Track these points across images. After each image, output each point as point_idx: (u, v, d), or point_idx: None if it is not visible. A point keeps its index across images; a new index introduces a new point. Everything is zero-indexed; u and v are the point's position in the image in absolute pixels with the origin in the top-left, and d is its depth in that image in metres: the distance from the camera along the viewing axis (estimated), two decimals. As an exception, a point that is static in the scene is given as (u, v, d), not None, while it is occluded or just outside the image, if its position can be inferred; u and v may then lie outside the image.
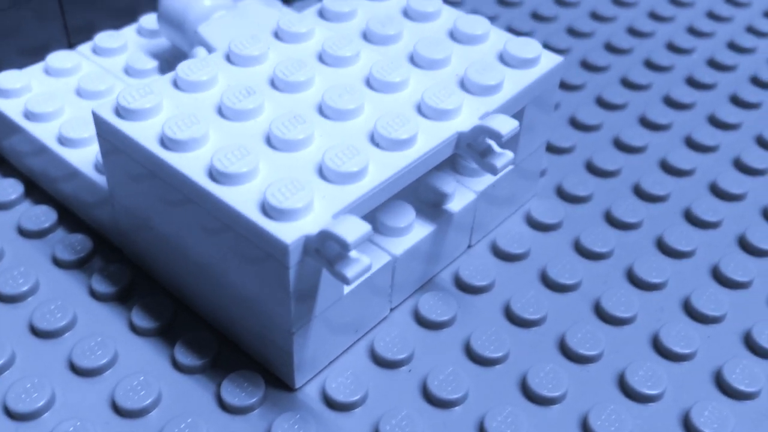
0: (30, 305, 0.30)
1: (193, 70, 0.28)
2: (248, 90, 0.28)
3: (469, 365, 0.29)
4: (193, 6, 0.35)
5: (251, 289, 0.26)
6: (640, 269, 0.32)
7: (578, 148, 0.38)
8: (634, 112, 0.41)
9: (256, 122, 0.27)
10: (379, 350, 0.28)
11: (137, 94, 0.27)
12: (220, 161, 0.25)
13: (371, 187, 0.25)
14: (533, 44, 0.31)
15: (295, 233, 0.23)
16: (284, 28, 0.31)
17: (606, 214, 0.35)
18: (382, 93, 0.29)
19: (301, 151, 0.26)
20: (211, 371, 0.28)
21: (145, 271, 0.31)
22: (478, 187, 0.31)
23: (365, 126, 0.27)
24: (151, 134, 0.26)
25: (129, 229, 0.30)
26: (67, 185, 0.33)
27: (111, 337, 0.28)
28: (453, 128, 0.28)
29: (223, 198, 0.24)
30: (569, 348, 0.29)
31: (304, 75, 0.29)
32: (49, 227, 0.32)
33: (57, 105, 0.33)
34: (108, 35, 0.37)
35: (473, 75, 0.29)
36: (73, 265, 0.31)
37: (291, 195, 0.24)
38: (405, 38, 0.32)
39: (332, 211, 0.24)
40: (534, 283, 0.32)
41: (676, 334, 0.29)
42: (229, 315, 0.28)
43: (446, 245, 0.31)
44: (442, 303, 0.30)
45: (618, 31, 0.46)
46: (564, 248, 0.33)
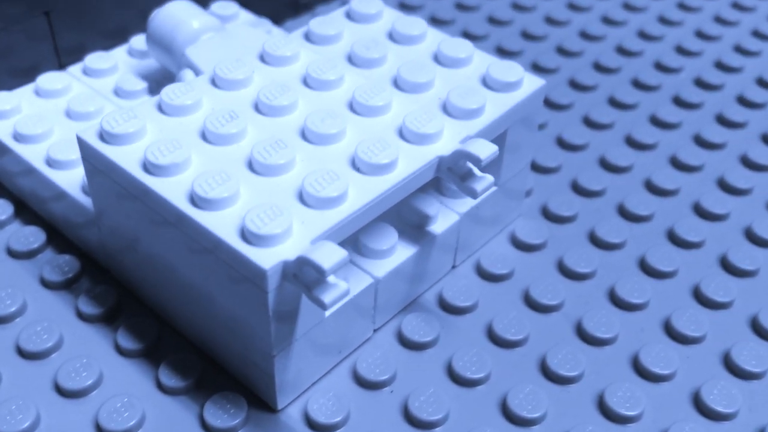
0: (18, 326, 0.30)
1: (177, 95, 0.29)
2: (231, 114, 0.28)
3: (451, 386, 0.29)
4: (181, 28, 0.35)
5: (233, 312, 0.26)
6: (621, 290, 0.32)
7: (564, 167, 0.39)
8: (621, 131, 0.41)
9: (239, 146, 0.28)
10: (361, 371, 0.29)
11: (121, 118, 0.28)
12: (200, 186, 0.25)
13: (350, 212, 0.26)
14: (515, 68, 0.31)
15: (273, 259, 0.24)
16: (269, 51, 0.31)
17: (590, 234, 0.35)
18: (365, 117, 0.29)
19: (282, 175, 0.27)
20: (194, 392, 0.28)
21: (132, 291, 0.31)
22: (462, 209, 0.32)
23: (347, 150, 0.28)
24: (134, 159, 0.27)
25: (115, 250, 0.31)
26: (56, 206, 0.33)
27: (96, 358, 0.29)
28: (434, 152, 0.28)
29: (203, 223, 0.25)
30: (550, 369, 0.29)
31: (288, 99, 0.29)
32: (38, 248, 0.33)
33: (46, 127, 0.34)
34: (98, 56, 0.38)
35: (455, 99, 0.30)
36: (60, 285, 0.31)
37: (270, 221, 0.24)
38: (389, 61, 0.32)
39: (311, 236, 0.25)
40: (517, 303, 0.32)
41: (655, 354, 0.30)
42: (212, 336, 0.28)
43: (430, 266, 0.32)
44: (425, 324, 0.31)
45: (607, 50, 0.47)
46: (547, 268, 0.34)
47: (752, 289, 0.33)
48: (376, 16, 0.35)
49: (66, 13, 0.37)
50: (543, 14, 0.49)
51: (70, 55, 0.39)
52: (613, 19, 0.49)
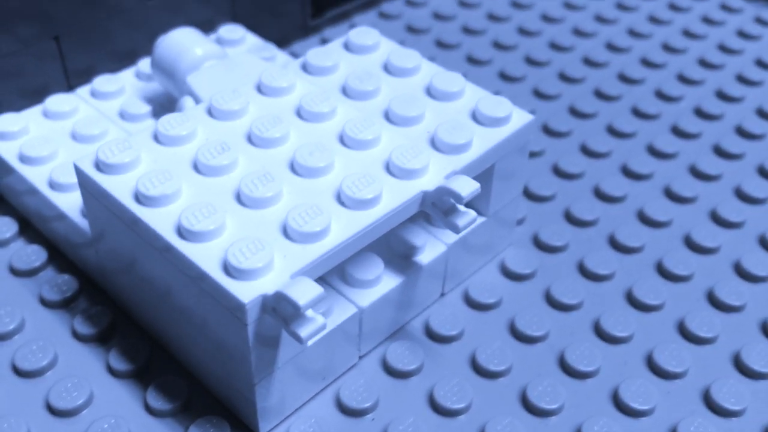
0: (15, 344, 0.31)
1: (172, 125, 0.30)
2: (223, 146, 0.29)
3: (431, 415, 0.29)
4: (184, 55, 0.36)
5: (217, 340, 0.27)
6: (606, 322, 0.33)
7: (559, 196, 0.39)
8: (617, 160, 0.41)
9: (230, 178, 0.29)
10: (344, 398, 0.29)
11: (116, 148, 0.29)
12: (187, 219, 0.26)
13: (332, 246, 0.26)
14: (504, 103, 0.32)
15: (253, 293, 0.25)
16: (266, 82, 0.32)
17: (579, 264, 0.36)
18: (354, 150, 0.30)
19: (268, 208, 0.27)
20: (180, 415, 0.29)
21: (126, 312, 0.32)
22: (450, 239, 0.32)
23: (333, 184, 0.28)
24: (126, 188, 0.28)
25: (111, 272, 0.32)
26: (57, 227, 0.34)
27: (87, 378, 0.30)
28: (418, 187, 0.29)
29: (187, 255, 0.26)
30: (530, 401, 0.30)
31: (279, 131, 0.30)
32: (39, 266, 0.34)
33: (51, 149, 0.35)
34: (106, 79, 0.39)
35: (442, 133, 0.30)
36: (58, 305, 0.32)
37: (251, 255, 0.25)
38: (383, 93, 0.33)
39: (291, 270, 0.25)
40: (502, 333, 0.33)
41: (635, 389, 0.30)
42: (199, 361, 0.29)
43: (417, 294, 0.32)
44: (409, 352, 0.31)
45: (609, 77, 0.47)
46: (535, 298, 0.34)
47: (737, 325, 0.33)
48: (373, 48, 0.35)
49: (75, 36, 0.39)
50: (547, 40, 0.50)
51: (79, 77, 0.40)
52: (617, 45, 0.49)
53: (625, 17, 0.52)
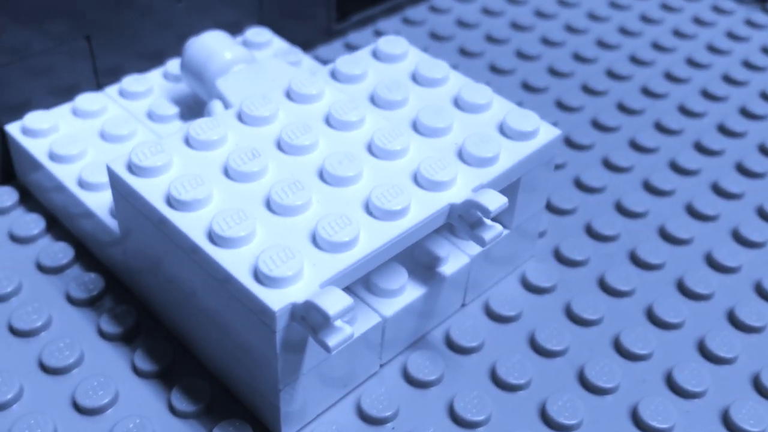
0: (41, 341, 0.31)
1: (204, 130, 0.30)
2: (254, 152, 0.29)
3: (451, 427, 0.30)
4: (214, 59, 0.36)
5: (243, 344, 0.28)
6: (626, 339, 0.33)
7: (580, 210, 0.39)
8: (639, 175, 0.41)
9: (259, 184, 0.29)
10: (365, 407, 0.30)
11: (149, 151, 0.29)
12: (218, 224, 0.26)
13: (361, 256, 0.27)
14: (532, 117, 0.32)
15: (283, 301, 0.25)
16: (295, 89, 0.33)
17: (600, 280, 0.36)
18: (382, 160, 0.30)
19: (297, 216, 0.28)
20: (204, 417, 0.29)
21: (151, 312, 0.33)
22: (473, 251, 0.33)
23: (362, 193, 0.29)
24: (158, 192, 0.28)
25: (138, 271, 0.32)
26: (84, 225, 0.34)
27: (113, 377, 0.30)
28: (446, 200, 0.29)
29: (218, 260, 0.26)
30: (549, 416, 0.30)
31: (309, 139, 0.30)
32: (66, 264, 0.34)
33: (80, 148, 0.35)
34: (134, 79, 0.39)
35: (470, 146, 0.30)
36: (84, 303, 0.33)
37: (282, 263, 0.25)
38: (411, 103, 0.33)
39: (321, 279, 0.26)
40: (522, 346, 0.33)
41: (654, 407, 0.30)
42: (223, 364, 0.30)
43: (439, 305, 0.32)
44: (430, 362, 0.31)
45: (632, 90, 0.47)
46: (555, 312, 0.34)
47: (757, 346, 0.33)
48: (401, 57, 0.36)
49: (106, 36, 0.39)
50: (571, 51, 0.50)
51: (108, 77, 0.40)
52: (641, 59, 0.49)
53: (649, 30, 0.52)
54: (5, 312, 0.32)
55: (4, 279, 0.33)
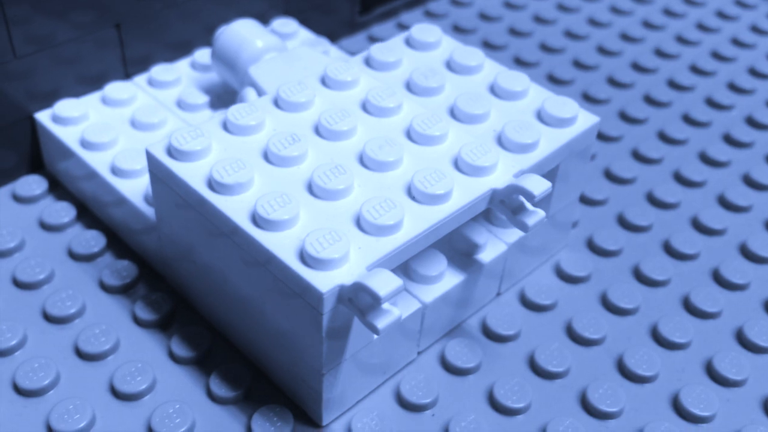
0: (76, 327, 0.31)
1: (242, 114, 0.30)
2: (293, 137, 0.29)
3: (491, 414, 0.29)
4: (245, 47, 0.36)
5: (285, 329, 0.27)
6: (664, 328, 0.33)
7: (611, 201, 0.39)
8: (669, 167, 0.41)
9: (299, 169, 0.29)
10: (404, 393, 0.29)
11: (189, 135, 0.29)
12: (263, 207, 0.26)
13: (406, 240, 0.26)
14: (570, 104, 0.32)
15: (330, 283, 0.25)
16: (331, 75, 0.32)
17: (634, 269, 0.36)
18: (421, 146, 0.30)
19: (340, 200, 0.27)
20: (243, 403, 0.29)
21: (186, 300, 0.32)
22: (510, 238, 0.32)
23: (403, 178, 0.29)
24: (199, 175, 0.28)
25: (173, 259, 0.32)
26: (116, 212, 0.34)
27: (150, 363, 0.30)
28: (488, 185, 0.29)
29: (264, 243, 0.26)
30: (590, 403, 0.30)
31: (347, 124, 0.30)
32: (98, 252, 0.34)
33: (112, 135, 0.35)
34: (163, 68, 0.39)
35: (510, 132, 0.30)
36: (118, 290, 0.33)
37: (329, 245, 0.25)
38: (447, 91, 0.33)
39: (367, 262, 0.25)
40: (559, 335, 0.33)
41: (696, 396, 0.30)
42: (263, 350, 0.29)
43: (475, 293, 0.32)
44: (468, 350, 0.31)
45: (658, 83, 0.47)
46: (590, 302, 0.34)
47: (795, 335, 0.33)
48: (435, 45, 0.35)
49: (135, 25, 0.39)
50: (595, 43, 0.50)
51: (136, 65, 0.40)
52: (665, 52, 0.49)
53: (672, 24, 0.52)
54: (38, 299, 0.32)
55: (36, 266, 0.33)
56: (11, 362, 0.30)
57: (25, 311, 0.32)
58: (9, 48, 0.35)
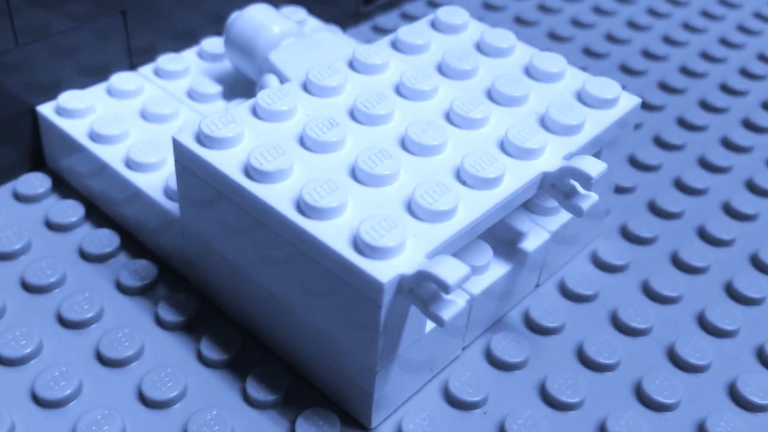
0: (95, 332, 0.29)
1: (273, 100, 0.28)
2: (331, 122, 0.27)
3: (546, 410, 0.28)
4: (262, 33, 0.34)
5: (332, 326, 0.25)
6: (712, 315, 0.31)
7: (640, 188, 0.38)
8: (693, 153, 0.40)
9: (339, 155, 0.27)
10: (454, 391, 0.28)
11: (220, 122, 0.27)
12: (309, 195, 0.24)
13: (463, 226, 0.25)
14: (612, 84, 0.31)
15: (391, 272, 0.23)
16: (360, 58, 0.31)
17: (672, 257, 0.34)
18: (463, 129, 0.28)
19: (387, 186, 0.26)
20: (282, 407, 0.27)
21: (212, 300, 0.30)
22: (552, 226, 0.31)
23: (449, 163, 0.27)
24: (233, 163, 0.26)
25: (198, 257, 0.30)
26: (132, 209, 0.32)
27: (180, 368, 0.28)
28: (538, 168, 0.27)
29: (313, 233, 0.24)
30: (647, 395, 0.28)
31: (385, 108, 0.28)
32: (112, 251, 0.32)
33: (123, 127, 0.33)
34: (170, 58, 0.37)
35: (555, 114, 0.29)
36: (137, 291, 0.30)
37: (385, 232, 0.23)
38: (480, 73, 0.32)
39: (425, 250, 0.24)
40: (604, 325, 0.31)
41: (754, 384, 0.29)
42: (303, 350, 0.27)
43: (518, 284, 0.31)
44: (515, 344, 0.30)
45: (670, 69, 0.46)
46: (632, 291, 0.33)
47: (843, 319, 0.32)
48: (463, 27, 0.34)
49: (139, 14, 0.37)
50: (625, 18, 0.50)
51: (141, 56, 0.38)
52: (675, 39, 0.49)
53: (678, 12, 0.52)
54: (51, 303, 0.30)
55: (47, 268, 0.31)
56: (28, 371, 0.27)
57: (38, 316, 0.29)
58: (11, 35, 0.32)
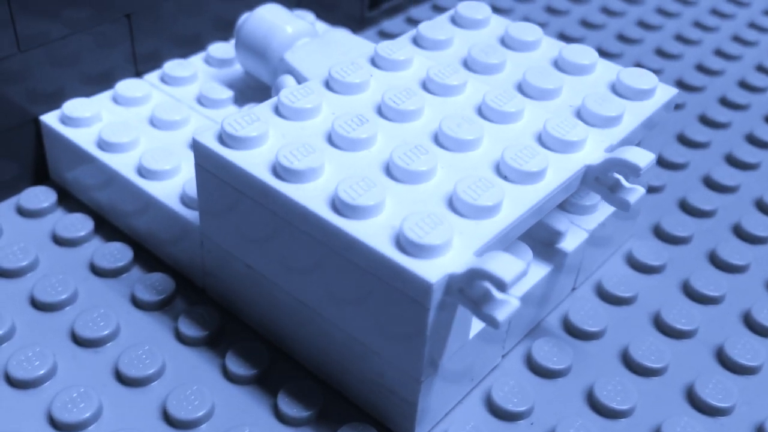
0: (112, 350, 0.27)
1: (297, 97, 0.26)
2: (360, 118, 0.26)
3: (596, 418, 0.26)
4: (276, 33, 0.33)
5: (371, 333, 0.24)
6: (759, 315, 0.30)
7: (668, 187, 0.37)
8: (719, 150, 0.39)
9: (370, 152, 0.25)
10: (498, 401, 0.26)
11: (243, 121, 0.25)
12: (345, 193, 0.23)
13: (510, 222, 0.23)
14: (648, 75, 0.29)
15: (439, 272, 0.21)
16: (383, 55, 0.29)
17: (710, 255, 0.33)
18: (498, 123, 0.27)
19: (425, 183, 0.24)
20: (317, 423, 0.25)
21: (234, 312, 0.29)
22: (588, 226, 0.30)
23: (487, 158, 0.25)
24: (260, 163, 0.24)
25: (218, 267, 0.28)
26: (145, 220, 0.30)
27: (206, 385, 0.26)
28: (581, 161, 0.26)
29: (352, 233, 0.22)
30: (700, 399, 0.27)
31: (415, 104, 0.27)
32: (125, 265, 0.30)
33: (133, 135, 0.31)
34: (177, 64, 0.36)
35: (593, 106, 0.28)
36: (154, 306, 0.29)
37: (430, 229, 0.22)
38: (508, 67, 0.30)
39: (473, 247, 0.22)
40: (647, 328, 0.30)
41: (811, 384, 0.27)
42: (336, 361, 0.26)
43: (556, 288, 0.29)
44: (557, 350, 0.28)
45: (687, 68, 0.45)
46: (672, 292, 0.31)
47: None
48: (484, 22, 0.33)
49: (144, 18, 0.35)
50: (636, 17, 0.49)
51: (146, 62, 0.36)
52: (688, 38, 0.48)
53: (688, 10, 0.51)
54: (63, 321, 0.28)
55: (58, 285, 0.29)
56: (43, 394, 0.25)
57: (51, 335, 0.27)
58: (14, 41, 0.31)
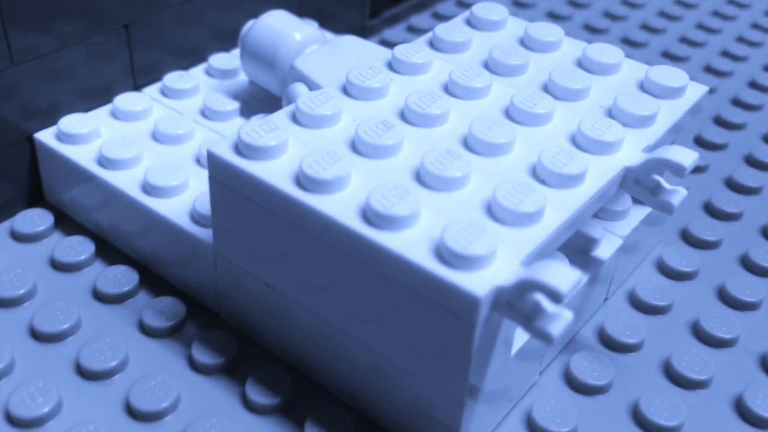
0: (120, 382, 0.25)
1: (316, 104, 0.25)
2: (385, 124, 0.24)
3: (645, 436, 0.25)
4: (284, 40, 0.31)
5: (407, 353, 0.22)
6: (802, 320, 0.29)
7: (692, 189, 0.35)
8: (738, 151, 0.38)
9: (397, 159, 0.24)
10: (540, 422, 0.24)
11: (261, 130, 0.23)
12: (379, 202, 0.21)
13: (554, 228, 0.22)
14: (678, 73, 0.28)
15: (486, 284, 0.20)
16: (401, 58, 0.28)
17: (742, 259, 0.32)
18: (528, 126, 0.25)
19: (460, 190, 0.23)
20: (350, 454, 0.23)
21: (251, 336, 0.27)
22: (622, 232, 0.28)
23: (521, 161, 0.24)
24: (282, 174, 0.23)
25: (234, 288, 0.26)
26: (150, 240, 0.28)
27: (227, 416, 0.24)
28: (620, 162, 0.24)
29: (389, 246, 0.21)
30: (751, 411, 0.25)
31: (440, 108, 0.25)
32: (130, 290, 0.28)
33: (135, 151, 0.29)
34: (178, 76, 0.34)
35: (626, 105, 0.26)
36: (165, 333, 0.27)
37: (474, 239, 0.20)
38: (531, 69, 0.29)
39: (519, 257, 0.20)
40: (686, 338, 0.28)
41: None
42: (368, 386, 0.24)
43: (590, 298, 0.28)
44: (596, 364, 0.26)
45: (693, 69, 0.44)
46: (708, 298, 0.30)
47: None
48: (501, 23, 0.31)
49: (142, 28, 0.33)
50: (657, 9, 0.49)
51: (143, 76, 0.34)
52: (694, 40, 0.47)
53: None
54: (66, 352, 0.26)
55: (60, 313, 0.27)
56: (47, 432, 0.23)
57: (54, 368, 0.25)
58: (6, 53, 0.29)
